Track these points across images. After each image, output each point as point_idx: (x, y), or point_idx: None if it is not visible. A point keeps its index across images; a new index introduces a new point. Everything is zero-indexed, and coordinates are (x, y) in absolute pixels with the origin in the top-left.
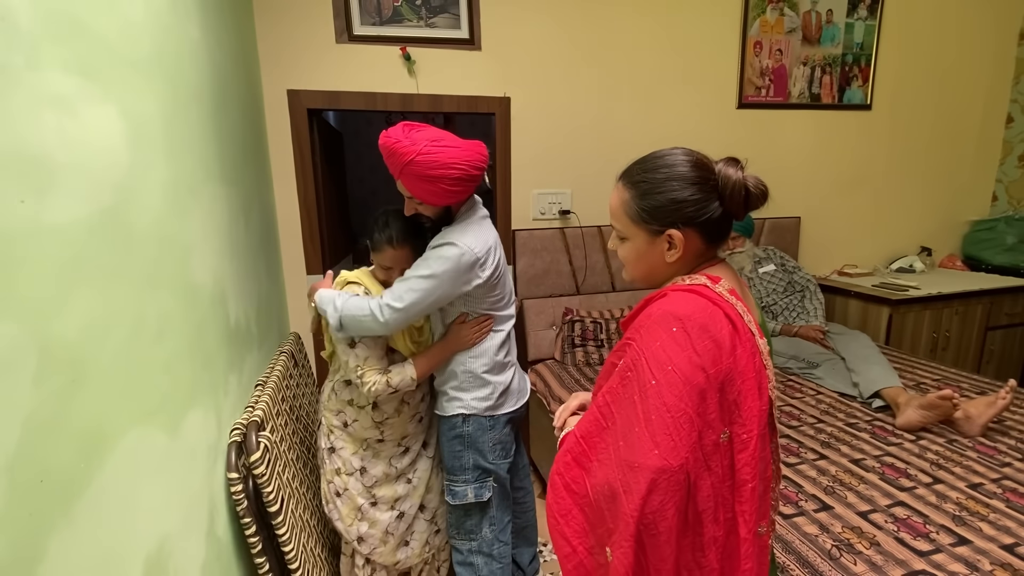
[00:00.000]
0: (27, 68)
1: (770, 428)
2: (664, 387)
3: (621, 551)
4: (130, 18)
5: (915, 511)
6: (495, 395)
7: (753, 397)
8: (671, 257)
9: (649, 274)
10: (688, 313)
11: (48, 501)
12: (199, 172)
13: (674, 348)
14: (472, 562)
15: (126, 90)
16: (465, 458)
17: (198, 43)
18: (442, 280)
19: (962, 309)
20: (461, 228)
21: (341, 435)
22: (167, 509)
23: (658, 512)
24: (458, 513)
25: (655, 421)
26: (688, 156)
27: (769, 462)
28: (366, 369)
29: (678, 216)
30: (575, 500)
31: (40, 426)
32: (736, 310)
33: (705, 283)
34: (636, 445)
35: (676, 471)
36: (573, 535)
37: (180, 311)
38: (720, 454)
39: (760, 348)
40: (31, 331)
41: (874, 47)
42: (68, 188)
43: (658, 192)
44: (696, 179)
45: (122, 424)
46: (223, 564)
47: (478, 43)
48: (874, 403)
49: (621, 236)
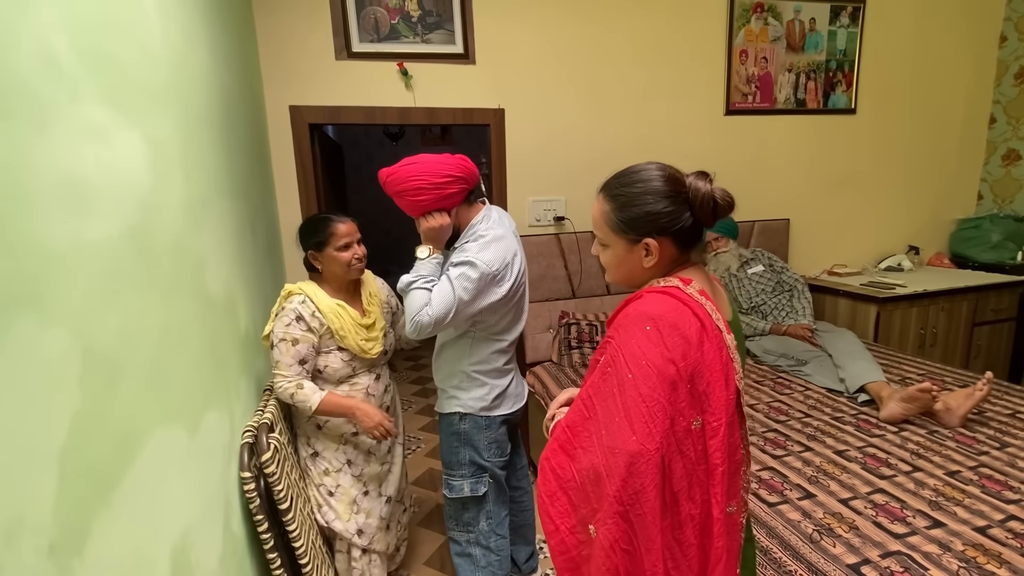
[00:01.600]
0: (69, 102)
1: (739, 416)
2: (639, 380)
3: (605, 527)
4: (149, 49)
5: (893, 497)
6: (491, 397)
7: (720, 387)
8: (647, 263)
9: (628, 277)
10: (660, 313)
11: (92, 489)
12: (210, 188)
13: (647, 345)
14: (470, 553)
15: (147, 116)
16: (461, 454)
17: (207, 67)
18: (463, 301)
19: (948, 306)
20: (479, 245)
21: (319, 437)
22: (189, 503)
23: (639, 491)
24: (456, 506)
25: (632, 410)
26: (661, 171)
27: (738, 447)
28: (276, 371)
29: (653, 227)
30: (560, 484)
31: (84, 423)
32: (704, 309)
33: (677, 285)
34: (616, 432)
35: (652, 454)
36: (557, 515)
37: (197, 319)
38: (693, 440)
39: (727, 343)
40: (76, 337)
41: (857, 53)
42: (102, 208)
43: (634, 205)
44: (669, 192)
45: (151, 423)
46: (238, 558)
47: (472, 57)
48: (860, 397)
49: (603, 243)
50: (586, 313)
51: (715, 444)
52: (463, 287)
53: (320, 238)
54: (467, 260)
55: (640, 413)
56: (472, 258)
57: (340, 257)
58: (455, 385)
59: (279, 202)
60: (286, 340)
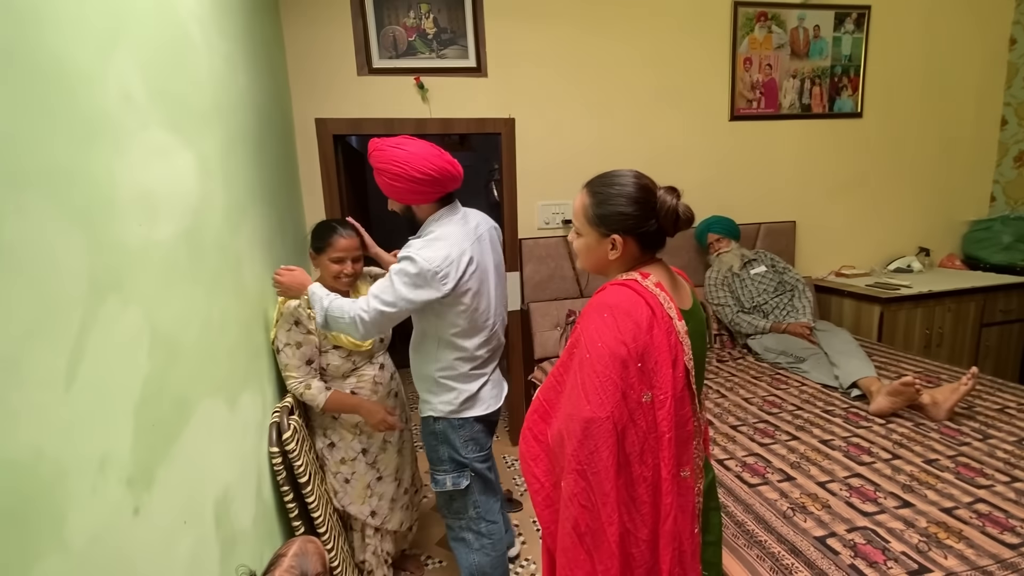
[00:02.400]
0: (140, 129)
1: (688, 392)
2: (595, 358)
3: (567, 481)
4: (198, 78)
5: (869, 481)
6: (459, 401)
7: (667, 366)
8: (612, 256)
9: (595, 265)
10: (616, 302)
11: (158, 441)
12: (246, 196)
13: (603, 329)
14: (464, 537)
15: (197, 136)
16: (441, 451)
17: (244, 89)
18: (402, 296)
19: (954, 307)
20: (424, 242)
21: (335, 428)
22: (229, 466)
23: (593, 452)
24: (444, 497)
25: (588, 384)
26: (637, 179)
27: (689, 419)
28: (286, 374)
29: (621, 226)
30: (541, 447)
31: (151, 387)
32: (657, 299)
33: (636, 278)
34: (575, 402)
35: (604, 420)
36: (541, 473)
37: (235, 310)
38: (643, 411)
39: (676, 328)
40: (147, 317)
41: (862, 58)
42: (165, 214)
43: (609, 204)
44: (639, 199)
45: (199, 394)
46: (267, 521)
47: (485, 71)
48: (852, 393)
49: (578, 232)
50: None
51: (662, 415)
52: (402, 281)
53: (321, 244)
54: (408, 256)
55: (594, 386)
56: (413, 254)
57: (330, 267)
58: (426, 389)
59: (306, 208)
60: (290, 344)
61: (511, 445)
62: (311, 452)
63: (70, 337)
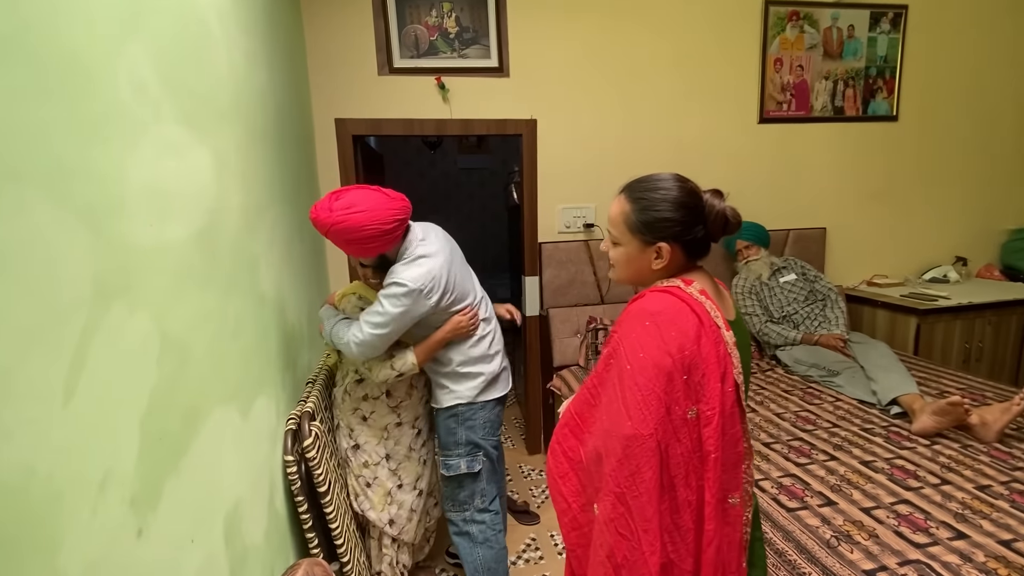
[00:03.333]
0: (154, 122)
1: (738, 409)
2: (637, 370)
3: (603, 504)
4: (218, 73)
5: (918, 508)
6: (483, 385)
7: (715, 380)
8: (656, 265)
9: (635, 276)
10: (659, 309)
11: (165, 454)
12: (264, 196)
13: (646, 338)
14: (468, 531)
15: (214, 132)
16: (459, 434)
17: (264, 87)
18: (394, 317)
19: (995, 320)
20: (404, 266)
21: (363, 429)
22: (241, 478)
23: (635, 472)
24: (452, 485)
25: (629, 398)
26: (682, 183)
27: (739, 439)
28: (372, 363)
29: (668, 232)
30: (571, 465)
31: (160, 396)
32: (704, 307)
33: (678, 285)
34: (614, 417)
35: (647, 438)
36: (569, 494)
37: (251, 314)
38: (688, 428)
39: (724, 339)
40: (156, 323)
41: (899, 59)
42: (179, 213)
43: (654, 210)
44: (686, 204)
45: (211, 402)
46: (280, 534)
47: (507, 71)
48: (892, 410)
49: (616, 241)
50: (614, 319)
51: (708, 432)
52: (391, 303)
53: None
54: (395, 280)
55: (636, 400)
56: (397, 277)
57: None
58: (449, 381)
59: None
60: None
61: (527, 454)
62: (332, 459)
63: (70, 346)
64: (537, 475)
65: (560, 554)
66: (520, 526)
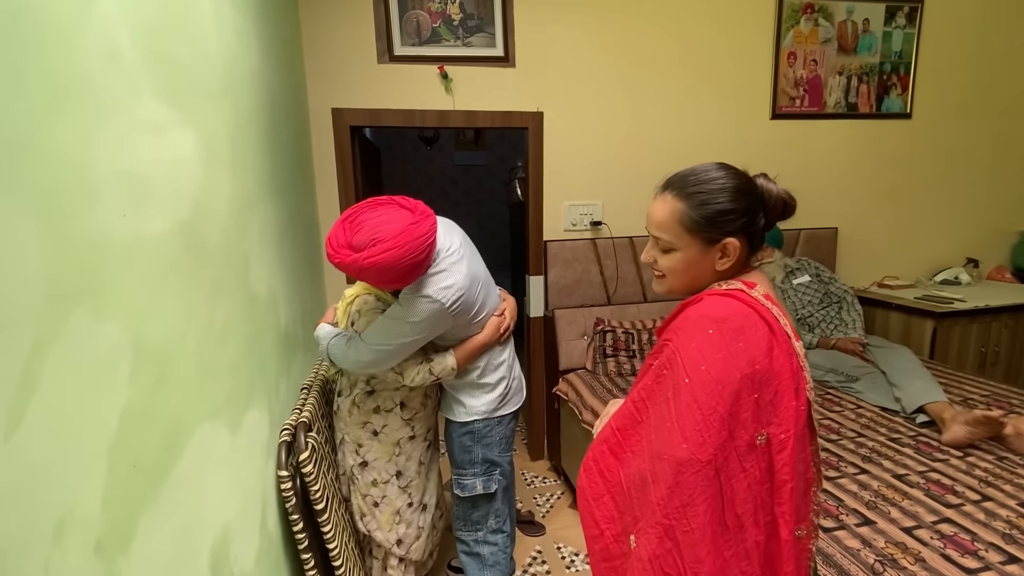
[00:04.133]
0: (129, 97)
1: (809, 429)
2: (697, 385)
3: (646, 538)
4: (206, 49)
5: (963, 528)
6: (501, 398)
7: (790, 397)
8: (722, 265)
9: (693, 283)
10: (724, 316)
11: (140, 485)
12: (255, 188)
13: (709, 349)
14: (479, 552)
15: (201, 113)
16: (475, 452)
17: (257, 69)
18: (416, 328)
19: (1012, 323)
20: (428, 279)
21: (372, 445)
22: (229, 500)
23: (687, 504)
24: (465, 506)
25: (686, 416)
26: (732, 169)
27: (809, 463)
28: (405, 366)
29: (734, 226)
30: (607, 487)
31: (134, 418)
32: (772, 314)
33: (741, 288)
34: (666, 438)
35: (704, 465)
36: (602, 519)
37: (241, 317)
38: (756, 456)
39: (796, 350)
40: (128, 331)
41: (913, 55)
42: (159, 203)
43: (716, 203)
44: (745, 190)
45: (196, 419)
46: (273, 557)
47: (512, 60)
48: (918, 418)
49: (668, 247)
50: (622, 320)
51: (783, 459)
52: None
53: None
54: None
55: (694, 420)
56: (426, 291)
57: None
58: (466, 394)
59: (319, 204)
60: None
61: (531, 460)
62: (330, 473)
63: (16, 364)
64: (541, 482)
65: (568, 567)
66: (526, 538)
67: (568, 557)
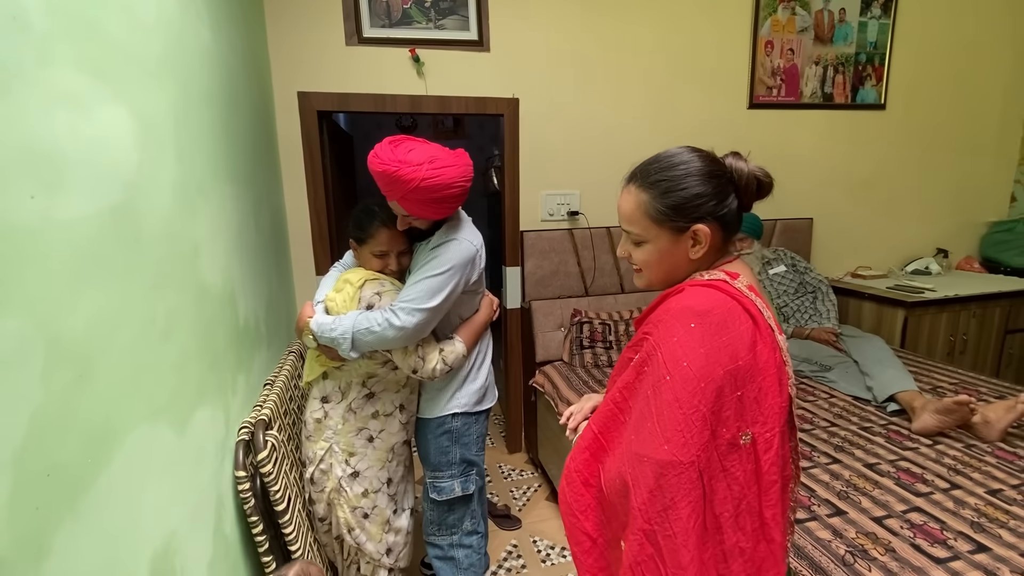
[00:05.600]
0: (38, 65)
1: (789, 426)
2: (678, 383)
3: (629, 544)
4: (141, 20)
5: (932, 517)
6: (483, 390)
7: (774, 393)
8: (696, 253)
9: (669, 275)
10: (707, 308)
11: (54, 496)
12: (208, 172)
13: (691, 344)
14: (453, 556)
15: (136, 90)
16: (452, 453)
17: (209, 46)
18: (455, 273)
19: (980, 312)
20: (457, 225)
21: (366, 453)
22: (174, 506)
23: (668, 507)
24: (441, 509)
25: (667, 416)
26: (698, 152)
27: (787, 461)
28: (427, 351)
29: (702, 211)
30: (594, 495)
31: (47, 421)
32: (756, 306)
33: (724, 279)
34: (647, 439)
35: (686, 467)
36: (593, 529)
37: (189, 310)
38: (740, 456)
39: (780, 344)
40: (39, 327)
41: (888, 46)
42: (78, 185)
43: (680, 189)
44: (713, 172)
45: (130, 421)
46: (230, 562)
47: (487, 44)
48: (889, 407)
49: (639, 240)
50: (599, 312)
51: (769, 458)
52: (454, 260)
53: (362, 234)
54: (455, 238)
55: (675, 420)
56: (459, 235)
57: (372, 262)
58: (449, 386)
59: (286, 192)
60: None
61: (508, 453)
62: (292, 473)
63: None
64: (518, 475)
65: (544, 561)
66: (501, 532)
67: (544, 551)
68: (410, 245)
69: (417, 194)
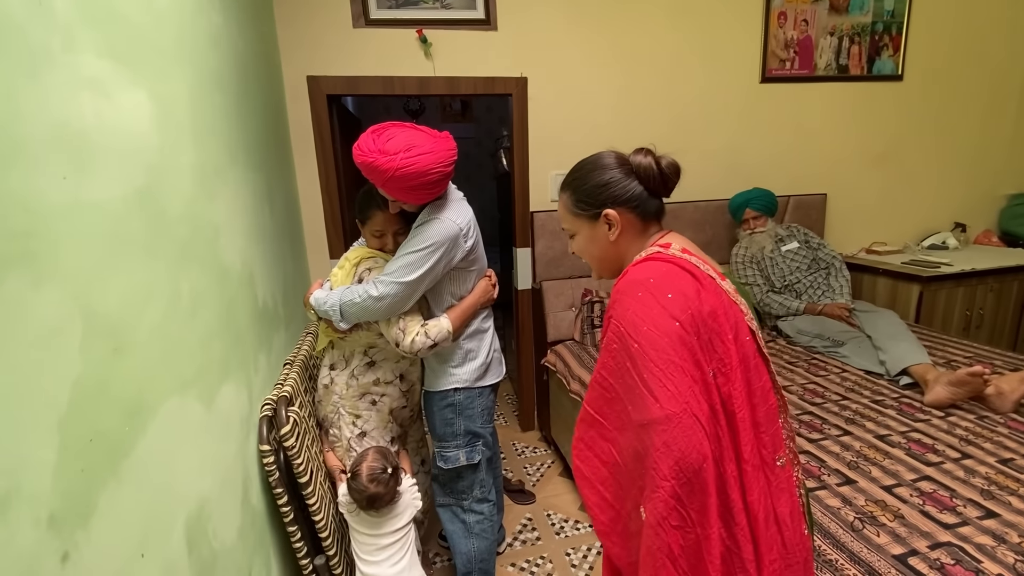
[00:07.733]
0: (63, 51)
1: (761, 358)
2: (646, 344)
3: (651, 504)
4: (156, 5)
5: (942, 485)
6: (485, 367)
7: (727, 332)
8: (613, 235)
9: (605, 261)
10: (647, 276)
11: (98, 459)
12: (224, 156)
13: (644, 309)
14: (464, 520)
15: (154, 74)
16: (456, 424)
17: (220, 30)
18: (434, 251)
19: (997, 286)
20: (442, 205)
21: (371, 415)
22: (204, 476)
23: (681, 460)
24: (449, 475)
25: (648, 378)
26: (610, 152)
27: (769, 391)
28: (409, 324)
29: (606, 196)
30: (609, 469)
31: (87, 390)
32: (691, 263)
33: (657, 250)
34: (641, 404)
35: (680, 416)
36: (615, 499)
37: (212, 290)
38: (711, 391)
39: (724, 288)
40: (76, 301)
41: (906, 15)
42: (105, 167)
43: (585, 183)
44: (614, 165)
45: (162, 393)
46: (257, 530)
47: (494, 23)
48: (902, 380)
49: (571, 234)
50: (610, 291)
51: (731, 390)
52: (433, 237)
53: (362, 216)
54: (436, 217)
55: (655, 377)
56: (440, 215)
57: (372, 241)
58: (449, 361)
59: (298, 176)
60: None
61: (520, 431)
62: (313, 447)
63: None
64: (531, 452)
65: (558, 534)
66: (516, 506)
67: (558, 523)
68: (406, 225)
69: (394, 182)
